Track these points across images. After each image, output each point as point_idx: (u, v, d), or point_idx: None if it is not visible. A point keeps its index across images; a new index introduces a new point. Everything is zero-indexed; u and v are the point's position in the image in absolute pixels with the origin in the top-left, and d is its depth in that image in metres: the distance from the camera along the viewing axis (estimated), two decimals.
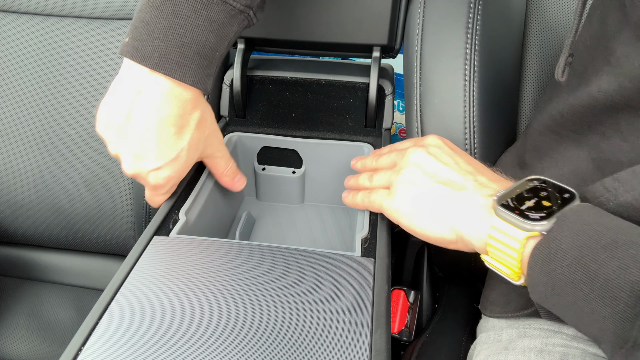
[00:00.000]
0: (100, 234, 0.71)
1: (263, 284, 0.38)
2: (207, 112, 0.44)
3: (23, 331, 0.68)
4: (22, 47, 0.67)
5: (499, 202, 0.34)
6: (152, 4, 0.39)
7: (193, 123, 0.43)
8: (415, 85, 0.54)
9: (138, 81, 0.40)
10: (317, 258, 0.40)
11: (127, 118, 0.41)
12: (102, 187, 0.68)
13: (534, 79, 0.55)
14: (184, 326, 0.34)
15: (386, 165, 0.46)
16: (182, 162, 0.44)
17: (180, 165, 0.44)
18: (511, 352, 0.40)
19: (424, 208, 0.40)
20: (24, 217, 0.71)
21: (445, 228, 0.38)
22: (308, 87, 0.61)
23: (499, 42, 0.53)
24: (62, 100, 0.67)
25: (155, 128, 0.40)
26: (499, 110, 0.54)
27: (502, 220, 0.33)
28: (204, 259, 0.40)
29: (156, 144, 0.41)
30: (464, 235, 0.37)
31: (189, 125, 0.42)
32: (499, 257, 0.34)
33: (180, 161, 0.43)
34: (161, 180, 0.43)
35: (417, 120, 0.54)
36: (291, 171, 0.59)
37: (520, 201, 0.34)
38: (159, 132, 0.41)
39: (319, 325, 0.35)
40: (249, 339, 0.34)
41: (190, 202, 0.47)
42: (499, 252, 0.34)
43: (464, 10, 0.52)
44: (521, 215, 0.32)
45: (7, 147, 0.69)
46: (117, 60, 0.68)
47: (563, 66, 0.40)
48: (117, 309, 0.36)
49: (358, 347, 0.33)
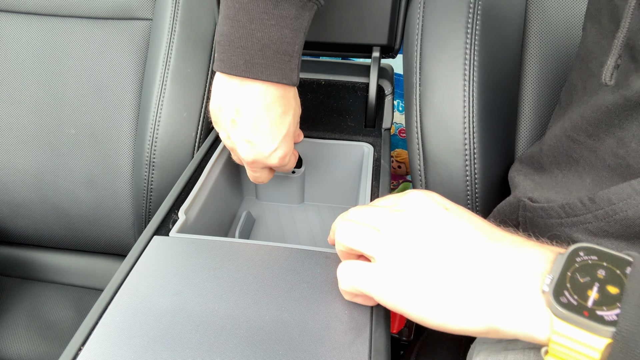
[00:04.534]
0: (100, 233, 0.71)
1: (263, 284, 0.38)
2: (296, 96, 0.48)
3: (23, 331, 0.68)
4: (22, 47, 0.67)
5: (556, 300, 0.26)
6: (227, 16, 0.41)
7: (293, 100, 0.47)
8: (415, 85, 0.54)
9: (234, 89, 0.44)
10: (317, 258, 0.40)
11: (236, 111, 0.44)
12: (102, 187, 0.68)
13: (534, 78, 0.55)
14: (184, 326, 0.34)
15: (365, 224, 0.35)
16: (291, 137, 0.47)
17: (291, 140, 0.47)
18: (511, 352, 0.40)
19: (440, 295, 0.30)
20: (24, 217, 0.71)
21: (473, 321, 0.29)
22: (308, 87, 0.61)
23: (498, 42, 0.53)
24: (62, 100, 0.67)
25: (264, 112, 0.44)
26: (499, 110, 0.54)
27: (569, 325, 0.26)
28: (204, 259, 0.40)
29: (268, 127, 0.44)
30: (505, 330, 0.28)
31: (290, 103, 0.46)
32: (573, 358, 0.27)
33: (290, 136, 0.47)
34: (277, 161, 0.47)
35: (416, 120, 0.54)
36: (291, 171, 0.59)
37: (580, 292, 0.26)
38: (268, 115, 0.44)
39: (319, 325, 0.35)
40: (248, 339, 0.34)
41: (190, 201, 0.47)
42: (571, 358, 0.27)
43: (464, 10, 0.52)
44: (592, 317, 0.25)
45: (7, 146, 0.69)
46: (117, 60, 0.69)
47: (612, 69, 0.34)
48: (116, 309, 0.36)
49: (358, 347, 0.33)
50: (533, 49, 0.55)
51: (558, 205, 0.38)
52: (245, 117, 0.44)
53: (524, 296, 0.28)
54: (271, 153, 0.46)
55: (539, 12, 0.55)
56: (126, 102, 0.67)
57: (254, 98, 0.43)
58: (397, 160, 1.21)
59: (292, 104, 0.46)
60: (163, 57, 0.62)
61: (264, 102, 0.44)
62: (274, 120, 0.45)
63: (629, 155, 0.35)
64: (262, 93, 0.43)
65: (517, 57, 0.55)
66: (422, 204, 0.33)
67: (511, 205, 0.46)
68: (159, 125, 0.62)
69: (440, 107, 0.52)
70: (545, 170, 0.45)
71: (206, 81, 0.63)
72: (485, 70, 0.51)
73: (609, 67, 0.34)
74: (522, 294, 0.28)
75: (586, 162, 0.39)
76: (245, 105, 0.44)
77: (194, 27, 0.62)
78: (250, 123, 0.44)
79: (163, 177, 0.64)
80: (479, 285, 0.29)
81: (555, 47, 0.54)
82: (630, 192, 0.32)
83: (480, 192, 0.54)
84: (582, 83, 0.42)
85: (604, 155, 0.37)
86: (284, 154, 0.47)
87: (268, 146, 0.46)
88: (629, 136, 0.35)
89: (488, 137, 0.52)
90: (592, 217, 0.35)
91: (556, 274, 0.27)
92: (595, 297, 0.26)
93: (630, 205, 0.32)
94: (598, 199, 0.34)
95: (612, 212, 0.33)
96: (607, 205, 0.34)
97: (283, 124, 0.46)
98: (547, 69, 0.55)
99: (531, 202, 0.43)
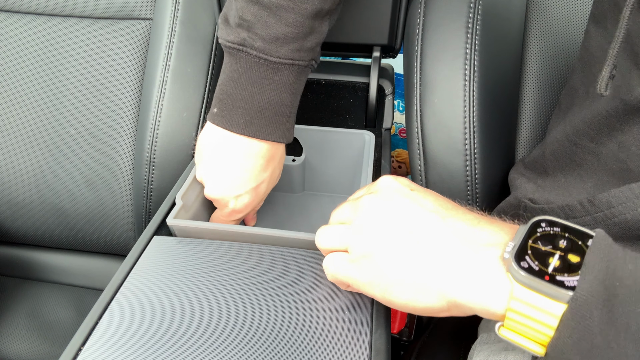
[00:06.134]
0: (100, 234, 0.71)
1: (263, 284, 0.38)
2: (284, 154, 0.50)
3: (23, 331, 0.68)
4: (22, 47, 0.67)
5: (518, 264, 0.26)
6: (231, 78, 0.44)
7: (277, 159, 0.48)
8: (415, 85, 0.54)
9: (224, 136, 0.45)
10: (317, 258, 0.40)
11: (219, 147, 0.45)
12: (102, 187, 0.68)
13: (534, 78, 0.55)
14: (184, 326, 0.34)
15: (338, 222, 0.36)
16: (262, 192, 0.48)
17: (259, 196, 0.48)
18: (511, 352, 0.40)
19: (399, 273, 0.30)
20: (24, 217, 0.71)
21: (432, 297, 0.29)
22: (308, 87, 0.61)
23: (499, 42, 0.53)
24: (62, 100, 0.67)
25: (245, 159, 0.45)
26: (499, 110, 0.54)
27: (529, 289, 0.26)
28: (203, 259, 0.40)
29: (242, 172, 0.46)
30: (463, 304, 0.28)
31: (274, 160, 0.47)
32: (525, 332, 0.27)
33: (259, 192, 0.48)
34: (240, 206, 0.47)
35: (417, 120, 0.54)
36: (291, 159, 0.58)
37: (542, 259, 0.27)
38: (247, 161, 0.45)
39: (319, 325, 0.35)
40: (248, 339, 0.34)
41: (186, 186, 0.47)
42: (525, 328, 0.27)
43: (464, 10, 0.52)
44: (553, 281, 0.25)
45: (6, 146, 0.69)
46: (117, 60, 0.69)
47: (607, 79, 0.34)
48: (117, 309, 0.36)
49: (358, 347, 0.33)
50: (533, 49, 0.55)
51: (558, 207, 0.38)
52: (224, 158, 0.45)
53: (482, 266, 0.28)
54: (233, 197, 0.47)
55: (539, 12, 0.55)
56: (126, 102, 0.67)
57: (240, 146, 0.45)
58: (397, 160, 1.21)
59: (275, 161, 0.48)
60: (163, 57, 0.62)
61: (248, 151, 0.45)
62: (251, 169, 0.46)
63: (629, 159, 0.35)
64: (250, 144, 0.45)
65: (517, 57, 0.55)
66: (389, 185, 0.34)
67: (511, 206, 0.46)
68: (159, 125, 0.62)
69: (441, 107, 0.52)
70: (548, 175, 0.44)
71: (206, 81, 0.63)
72: (485, 70, 0.51)
73: (603, 77, 0.34)
74: (480, 265, 0.28)
75: (589, 166, 0.39)
76: (228, 148, 0.45)
77: (194, 27, 0.62)
78: (225, 164, 0.45)
79: (163, 177, 0.64)
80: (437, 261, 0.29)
81: (556, 47, 0.54)
82: (630, 195, 0.32)
83: (481, 192, 0.54)
84: (584, 87, 0.42)
85: (605, 159, 0.37)
86: (246, 203, 0.48)
87: (234, 190, 0.46)
88: (629, 140, 0.35)
89: (488, 137, 0.52)
90: (591, 220, 0.35)
91: (518, 242, 0.28)
92: (556, 264, 0.26)
93: (629, 209, 0.32)
94: (597, 202, 0.34)
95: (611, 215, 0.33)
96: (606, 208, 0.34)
97: (258, 177, 0.47)
98: (548, 69, 0.55)
99: (532, 204, 0.43)
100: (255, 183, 0.47)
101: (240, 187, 0.46)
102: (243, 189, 0.46)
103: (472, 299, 0.28)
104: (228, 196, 0.46)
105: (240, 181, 0.46)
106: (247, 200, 0.47)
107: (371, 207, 0.33)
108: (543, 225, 0.28)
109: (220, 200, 0.47)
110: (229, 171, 0.46)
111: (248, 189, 0.47)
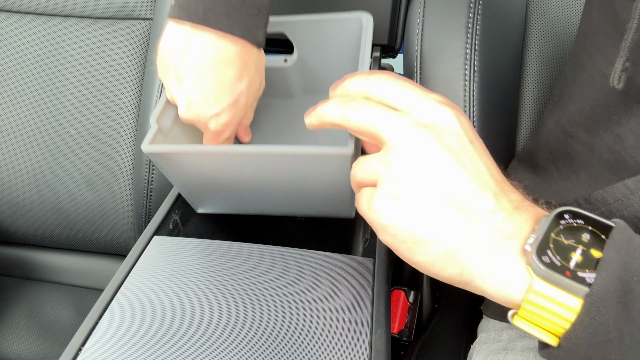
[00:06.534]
0: (100, 233, 0.71)
1: (263, 284, 0.38)
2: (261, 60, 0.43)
3: (23, 331, 0.68)
4: (22, 47, 0.67)
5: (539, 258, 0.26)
6: None
7: (254, 67, 0.41)
8: None
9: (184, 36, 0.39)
10: (317, 258, 0.40)
11: (181, 61, 0.39)
12: (102, 187, 0.68)
13: (534, 78, 0.55)
14: (184, 326, 0.34)
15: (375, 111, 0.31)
16: (240, 109, 0.42)
17: (239, 112, 0.43)
18: (510, 352, 0.40)
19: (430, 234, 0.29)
20: (24, 217, 0.71)
21: (450, 264, 0.28)
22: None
23: (499, 42, 0.53)
24: (61, 100, 0.67)
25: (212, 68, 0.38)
26: (499, 109, 0.54)
27: (549, 284, 0.26)
28: (203, 259, 0.40)
29: (213, 86, 0.39)
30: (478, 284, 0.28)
31: (249, 68, 0.40)
32: (541, 324, 0.27)
33: (239, 108, 0.42)
34: (221, 126, 0.42)
35: None
36: (282, 60, 0.52)
37: (564, 253, 0.26)
38: (216, 73, 0.39)
39: (319, 325, 0.35)
40: (248, 339, 0.34)
41: (160, 106, 0.42)
42: (541, 320, 0.26)
43: (464, 10, 0.52)
44: (574, 278, 0.25)
45: (6, 146, 0.69)
46: (117, 60, 0.69)
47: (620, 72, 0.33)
48: (116, 309, 0.36)
49: (358, 347, 0.33)
50: (533, 48, 0.55)
51: None
52: (190, 69, 0.39)
53: (504, 253, 0.27)
54: (211, 117, 0.41)
55: (539, 11, 0.55)
56: (126, 102, 0.67)
57: (205, 49, 0.38)
58: None
59: (250, 69, 0.41)
60: None
61: (215, 57, 0.38)
62: (223, 81, 0.39)
63: (625, 150, 0.35)
64: (215, 45, 0.38)
65: (517, 56, 0.55)
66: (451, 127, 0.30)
67: None
68: None
69: None
70: (540, 167, 0.44)
71: None
72: (485, 70, 0.51)
73: (616, 69, 0.33)
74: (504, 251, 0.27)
75: (581, 158, 0.39)
76: (193, 56, 0.38)
77: None
78: (193, 77, 0.39)
79: (163, 177, 0.64)
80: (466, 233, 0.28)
81: (556, 47, 0.54)
82: (625, 191, 0.32)
83: None
84: (572, 76, 0.42)
85: (600, 151, 0.37)
86: (227, 121, 0.42)
87: (209, 108, 0.41)
88: (626, 132, 0.35)
89: (488, 137, 0.52)
90: None
91: (540, 235, 0.27)
92: (578, 259, 0.26)
93: (626, 205, 0.32)
94: (593, 200, 0.34)
95: (608, 213, 0.33)
96: (602, 206, 0.34)
97: (233, 90, 0.40)
98: (548, 68, 0.55)
99: None
100: (232, 97, 0.41)
101: (215, 104, 0.41)
102: (219, 106, 0.41)
103: (489, 282, 0.27)
104: (205, 116, 0.41)
105: (213, 97, 0.40)
106: (227, 118, 0.42)
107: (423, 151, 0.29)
108: (567, 217, 0.28)
109: (198, 121, 0.42)
110: (199, 86, 0.40)
111: (224, 105, 0.41)
